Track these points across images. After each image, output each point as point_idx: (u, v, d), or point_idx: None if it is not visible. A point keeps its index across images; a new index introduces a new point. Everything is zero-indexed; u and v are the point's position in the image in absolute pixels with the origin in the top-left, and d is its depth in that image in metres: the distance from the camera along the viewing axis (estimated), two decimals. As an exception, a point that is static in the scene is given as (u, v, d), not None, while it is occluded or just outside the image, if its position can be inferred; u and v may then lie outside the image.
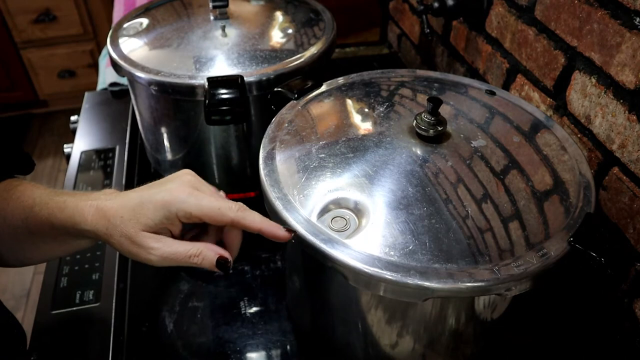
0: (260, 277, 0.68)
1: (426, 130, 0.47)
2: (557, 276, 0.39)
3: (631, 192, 0.51)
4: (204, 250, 0.41)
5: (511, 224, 0.42)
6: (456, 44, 0.86)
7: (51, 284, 0.62)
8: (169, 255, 0.41)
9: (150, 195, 0.41)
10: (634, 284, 0.52)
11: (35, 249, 0.47)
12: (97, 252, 0.67)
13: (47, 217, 0.43)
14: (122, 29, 0.74)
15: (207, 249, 0.42)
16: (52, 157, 2.21)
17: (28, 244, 0.46)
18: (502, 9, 0.70)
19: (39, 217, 0.44)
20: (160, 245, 0.41)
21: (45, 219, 0.43)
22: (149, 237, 0.41)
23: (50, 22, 2.10)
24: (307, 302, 0.55)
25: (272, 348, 0.60)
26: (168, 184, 0.42)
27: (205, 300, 0.65)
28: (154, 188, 0.42)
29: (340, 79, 0.60)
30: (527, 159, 0.48)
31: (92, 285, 0.62)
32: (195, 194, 0.41)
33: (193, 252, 0.41)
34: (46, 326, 0.58)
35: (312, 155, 0.48)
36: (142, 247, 0.41)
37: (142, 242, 0.40)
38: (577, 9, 0.56)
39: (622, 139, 0.51)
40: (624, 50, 0.50)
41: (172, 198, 0.41)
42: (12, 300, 1.63)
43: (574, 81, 0.58)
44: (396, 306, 0.43)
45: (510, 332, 0.52)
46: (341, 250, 0.39)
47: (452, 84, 0.59)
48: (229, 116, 0.61)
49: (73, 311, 0.59)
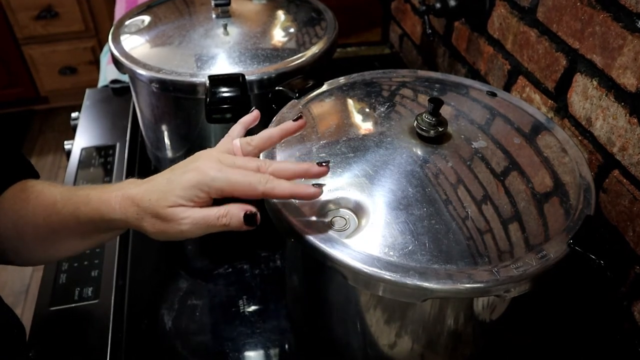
0: (259, 276, 0.68)
1: (427, 131, 0.47)
2: (556, 278, 0.39)
3: (631, 195, 0.51)
4: (230, 209, 0.41)
5: (511, 225, 0.42)
6: (458, 45, 0.86)
7: (50, 280, 0.62)
8: (199, 220, 0.41)
9: (178, 175, 0.42)
10: (633, 286, 0.52)
11: (59, 246, 0.47)
12: (97, 249, 0.67)
13: (71, 213, 0.44)
14: (123, 26, 0.74)
15: (233, 207, 0.41)
16: (52, 153, 2.21)
17: (50, 241, 0.47)
18: (504, 10, 0.70)
19: (63, 213, 0.44)
20: (189, 214, 0.41)
21: (69, 215, 0.44)
22: (177, 210, 0.41)
23: (52, 19, 2.09)
24: (306, 301, 0.55)
25: (270, 347, 0.60)
26: (195, 163, 0.42)
27: (204, 299, 0.65)
28: (180, 168, 0.43)
29: (341, 79, 0.60)
30: (527, 161, 0.48)
31: (91, 282, 0.62)
32: (224, 170, 0.41)
33: (221, 212, 0.41)
34: (45, 322, 0.58)
35: (312, 154, 0.48)
36: (172, 221, 0.41)
37: (172, 216, 0.41)
38: (580, 11, 0.56)
39: (622, 142, 0.51)
40: (626, 53, 0.50)
41: (202, 176, 0.41)
42: (11, 296, 1.63)
43: (575, 83, 0.58)
44: (395, 306, 0.43)
45: (509, 334, 0.52)
46: (341, 250, 0.39)
47: (453, 85, 0.59)
48: (230, 114, 0.61)
49: (72, 308, 0.59)
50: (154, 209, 0.41)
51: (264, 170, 0.41)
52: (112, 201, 0.43)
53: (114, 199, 0.43)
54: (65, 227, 0.45)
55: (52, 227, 0.45)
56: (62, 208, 0.44)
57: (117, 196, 0.43)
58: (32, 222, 0.45)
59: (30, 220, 0.45)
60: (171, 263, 0.71)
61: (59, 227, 0.45)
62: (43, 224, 0.45)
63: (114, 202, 0.43)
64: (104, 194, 0.43)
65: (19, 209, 0.46)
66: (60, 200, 0.45)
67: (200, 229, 0.41)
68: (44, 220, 0.45)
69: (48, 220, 0.45)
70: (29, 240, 0.46)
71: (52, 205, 0.45)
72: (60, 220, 0.44)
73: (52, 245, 0.47)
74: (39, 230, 0.46)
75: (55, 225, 0.45)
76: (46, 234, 0.46)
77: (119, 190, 0.43)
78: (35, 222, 0.45)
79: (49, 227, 0.45)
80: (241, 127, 0.46)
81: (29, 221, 0.45)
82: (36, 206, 0.45)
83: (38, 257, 0.49)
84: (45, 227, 0.45)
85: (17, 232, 0.46)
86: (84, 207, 0.44)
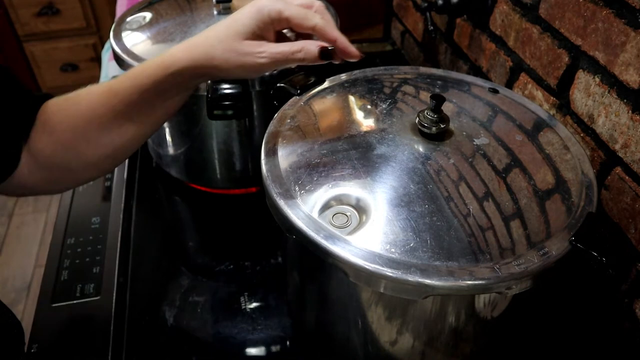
0: (260, 273, 0.68)
1: (429, 128, 0.47)
2: (557, 275, 0.39)
3: (633, 192, 0.51)
4: (305, 44, 0.44)
5: (512, 222, 0.42)
6: (460, 42, 0.85)
7: (52, 277, 0.62)
8: (276, 54, 0.43)
9: (239, 12, 0.44)
10: (634, 284, 0.52)
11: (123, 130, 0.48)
12: (98, 245, 0.67)
13: (131, 86, 0.45)
14: (125, 23, 0.74)
15: (307, 43, 0.44)
16: (54, 150, 2.21)
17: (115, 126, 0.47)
18: (507, 7, 0.70)
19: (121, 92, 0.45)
20: (266, 48, 0.43)
21: (129, 88, 0.45)
22: (253, 43, 0.43)
23: (53, 16, 2.09)
24: (307, 298, 0.55)
25: (271, 343, 0.60)
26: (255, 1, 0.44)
27: (206, 295, 0.65)
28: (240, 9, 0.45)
29: (343, 76, 0.60)
30: (529, 158, 0.47)
31: (93, 278, 0.62)
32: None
33: (296, 47, 0.43)
34: (47, 319, 0.58)
35: (314, 151, 0.48)
36: (249, 54, 0.43)
37: (249, 49, 0.43)
38: (582, 8, 0.55)
39: (625, 139, 0.51)
40: (629, 50, 0.49)
41: (262, 3, 0.43)
42: (13, 293, 1.63)
43: (578, 80, 0.58)
44: (396, 303, 0.43)
45: (511, 331, 0.52)
46: (342, 247, 0.39)
47: (455, 82, 0.59)
48: (231, 111, 0.61)
49: (73, 304, 0.59)
50: (227, 44, 0.43)
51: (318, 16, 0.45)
52: (174, 55, 0.44)
53: (175, 52, 0.44)
54: (127, 104, 0.46)
55: (114, 109, 0.46)
56: (119, 86, 0.45)
57: (178, 48, 0.44)
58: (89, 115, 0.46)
59: (88, 114, 0.46)
60: (173, 260, 0.71)
61: (119, 106, 0.46)
62: (103, 110, 0.46)
63: (176, 53, 0.44)
64: (161, 56, 0.45)
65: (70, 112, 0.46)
66: (115, 82, 0.46)
67: (277, 63, 0.44)
68: (103, 106, 0.46)
69: (108, 104, 0.46)
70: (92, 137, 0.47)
71: (107, 90, 0.46)
72: (121, 100, 0.45)
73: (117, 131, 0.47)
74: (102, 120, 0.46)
75: (116, 106, 0.45)
76: (108, 120, 0.46)
77: (177, 45, 0.44)
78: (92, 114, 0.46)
79: (110, 110, 0.46)
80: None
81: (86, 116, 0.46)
82: (90, 101, 0.46)
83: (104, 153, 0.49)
84: (105, 113, 0.46)
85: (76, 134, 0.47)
86: (143, 74, 0.45)
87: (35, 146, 0.47)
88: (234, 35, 0.43)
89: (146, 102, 0.46)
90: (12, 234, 1.85)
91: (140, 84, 0.45)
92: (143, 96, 0.46)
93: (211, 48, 0.43)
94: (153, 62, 0.45)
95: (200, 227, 0.79)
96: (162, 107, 0.48)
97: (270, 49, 0.43)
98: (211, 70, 0.45)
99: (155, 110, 0.48)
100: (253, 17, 0.43)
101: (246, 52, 0.43)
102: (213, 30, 0.44)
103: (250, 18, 0.43)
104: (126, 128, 0.48)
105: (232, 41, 0.43)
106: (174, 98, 0.48)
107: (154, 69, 0.45)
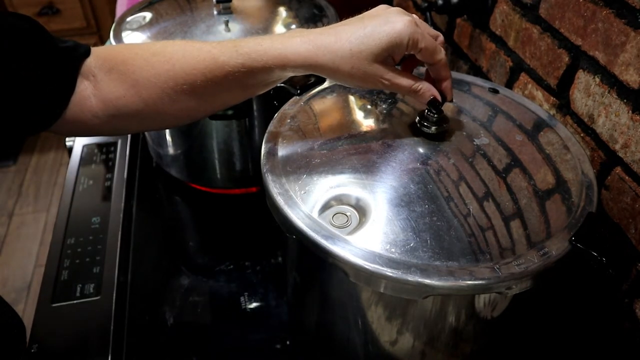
0: (260, 273, 0.68)
1: (429, 128, 0.47)
2: (558, 275, 0.39)
3: (633, 192, 0.51)
4: (424, 88, 0.45)
5: (512, 222, 0.42)
6: (460, 42, 0.85)
7: (52, 277, 0.62)
8: (398, 84, 0.44)
9: (375, 26, 0.43)
10: (634, 284, 0.52)
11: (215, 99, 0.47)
12: (98, 245, 0.67)
13: (242, 64, 0.43)
14: (125, 23, 0.74)
15: (426, 87, 0.45)
16: (54, 150, 2.21)
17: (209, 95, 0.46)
18: (507, 7, 0.70)
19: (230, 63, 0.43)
20: (392, 76, 0.44)
21: (239, 66, 0.43)
22: (381, 68, 0.43)
23: (54, 15, 2.09)
24: (307, 298, 0.55)
25: (271, 343, 0.60)
26: (389, 17, 0.43)
27: (206, 295, 0.65)
28: (373, 20, 0.43)
29: (343, 76, 0.60)
30: (529, 158, 0.47)
31: (93, 278, 0.62)
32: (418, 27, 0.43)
33: (417, 86, 0.45)
34: (47, 319, 0.58)
35: (314, 151, 0.48)
36: (374, 77, 0.43)
37: (376, 72, 0.43)
38: (582, 8, 0.55)
39: (625, 139, 0.51)
40: (629, 50, 0.49)
41: (402, 28, 0.42)
42: (13, 293, 1.63)
43: (578, 80, 0.58)
44: (396, 303, 0.43)
45: (511, 331, 0.52)
46: (342, 247, 0.39)
47: (455, 82, 0.59)
48: (231, 111, 0.61)
49: (74, 304, 0.59)
50: (357, 62, 0.42)
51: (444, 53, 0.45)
52: (297, 49, 0.42)
53: (297, 46, 0.43)
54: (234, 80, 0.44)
55: (215, 81, 0.44)
56: (227, 60, 0.43)
57: (304, 42, 0.43)
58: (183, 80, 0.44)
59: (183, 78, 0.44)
60: (173, 260, 0.71)
61: (225, 81, 0.44)
62: (202, 80, 0.44)
63: (299, 48, 0.42)
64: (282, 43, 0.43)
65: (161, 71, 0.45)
66: (219, 55, 0.44)
67: (393, 90, 0.45)
68: (203, 76, 0.44)
69: (209, 76, 0.44)
70: (181, 99, 0.45)
71: (211, 61, 0.44)
72: (227, 74, 0.44)
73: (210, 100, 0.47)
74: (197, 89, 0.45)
75: (221, 81, 0.44)
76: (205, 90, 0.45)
77: (301, 37, 0.43)
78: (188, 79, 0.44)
79: (210, 83, 0.44)
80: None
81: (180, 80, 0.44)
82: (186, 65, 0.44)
83: (186, 114, 0.48)
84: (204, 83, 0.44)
85: (162, 96, 0.45)
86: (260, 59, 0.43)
87: (109, 95, 0.46)
88: (367, 55, 0.42)
89: (254, 81, 0.45)
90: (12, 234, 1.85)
91: (252, 66, 0.43)
92: (255, 75, 0.44)
93: (341, 59, 0.42)
94: (272, 48, 0.43)
95: (200, 227, 0.79)
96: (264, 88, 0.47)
97: (395, 80, 0.43)
98: (323, 72, 0.44)
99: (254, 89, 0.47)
100: (392, 41, 0.42)
101: (372, 74, 0.43)
102: (345, 36, 0.42)
103: (389, 42, 0.42)
104: (220, 97, 0.47)
105: (364, 59, 0.42)
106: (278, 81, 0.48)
107: (271, 58, 0.43)
